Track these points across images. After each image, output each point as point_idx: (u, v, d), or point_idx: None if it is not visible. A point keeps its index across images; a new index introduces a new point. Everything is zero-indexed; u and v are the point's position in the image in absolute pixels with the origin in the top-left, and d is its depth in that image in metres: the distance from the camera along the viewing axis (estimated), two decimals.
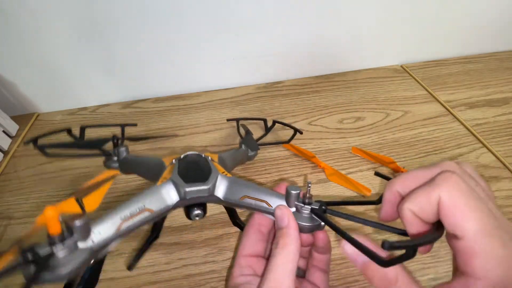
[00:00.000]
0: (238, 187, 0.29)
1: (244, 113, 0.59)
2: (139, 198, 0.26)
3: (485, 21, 0.65)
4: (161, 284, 0.37)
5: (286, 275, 0.22)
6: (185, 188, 0.27)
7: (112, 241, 0.23)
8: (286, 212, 0.25)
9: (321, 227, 0.25)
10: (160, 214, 0.27)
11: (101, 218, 0.23)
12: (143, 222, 0.25)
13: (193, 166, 0.30)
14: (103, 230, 0.23)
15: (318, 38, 0.62)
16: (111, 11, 0.52)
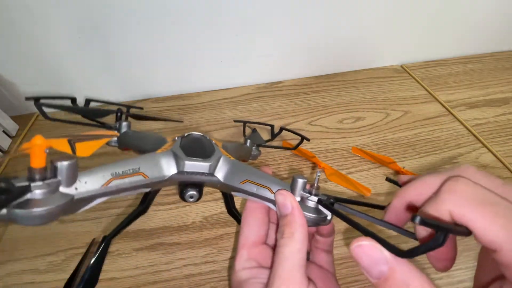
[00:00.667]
0: (240, 171, 0.27)
1: (245, 113, 0.59)
2: (135, 160, 0.24)
3: (485, 21, 0.65)
4: (161, 284, 0.37)
5: (296, 268, 0.20)
6: (185, 161, 0.25)
7: (96, 197, 0.22)
8: (288, 197, 0.23)
9: (327, 221, 0.24)
10: (154, 183, 0.25)
11: (90, 169, 0.22)
12: (134, 186, 0.23)
13: (196, 143, 0.29)
14: (90, 181, 0.21)
15: (318, 38, 0.62)
16: (111, 12, 0.52)
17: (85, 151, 0.20)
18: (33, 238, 0.42)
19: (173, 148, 0.26)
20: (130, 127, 0.40)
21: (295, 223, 0.22)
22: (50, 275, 0.38)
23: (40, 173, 0.18)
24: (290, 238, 0.21)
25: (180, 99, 0.63)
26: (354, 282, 0.36)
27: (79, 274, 0.37)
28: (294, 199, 0.23)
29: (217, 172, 0.27)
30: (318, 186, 0.24)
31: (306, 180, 0.24)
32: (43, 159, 0.18)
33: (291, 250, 0.21)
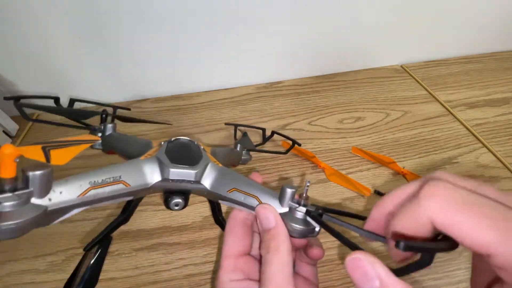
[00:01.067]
0: (228, 179, 0.26)
1: (244, 113, 0.59)
2: (116, 167, 0.23)
3: (485, 21, 0.65)
4: (161, 284, 0.37)
5: (286, 281, 0.20)
6: (170, 168, 0.24)
7: (72, 208, 0.20)
8: (271, 210, 0.23)
9: (315, 233, 0.23)
10: (136, 192, 0.24)
11: (67, 178, 0.20)
12: (114, 195, 0.22)
13: (183, 149, 0.27)
14: (66, 191, 0.20)
15: (319, 38, 0.62)
16: (111, 12, 0.52)
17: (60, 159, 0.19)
18: (33, 238, 0.42)
19: (158, 154, 0.25)
20: (115, 129, 0.38)
21: (280, 236, 0.21)
22: (50, 275, 0.38)
23: (9, 184, 0.17)
24: (277, 252, 0.21)
25: (180, 99, 0.63)
26: None
27: (79, 274, 0.37)
28: (277, 213, 0.23)
29: (204, 180, 0.26)
30: (307, 196, 0.23)
31: (295, 190, 0.23)
32: (13, 169, 0.17)
33: (279, 264, 0.20)
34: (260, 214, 0.23)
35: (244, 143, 0.46)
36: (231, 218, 0.25)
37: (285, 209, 0.23)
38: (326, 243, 0.39)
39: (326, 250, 0.38)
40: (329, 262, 0.37)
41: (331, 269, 0.37)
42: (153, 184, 0.24)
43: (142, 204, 0.44)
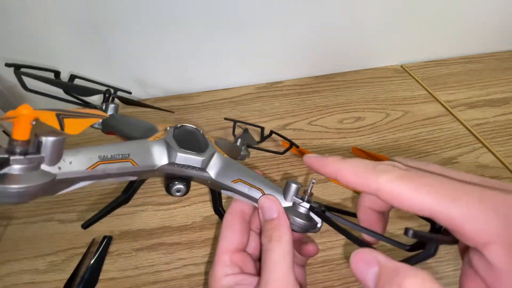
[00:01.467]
0: (233, 169, 0.26)
1: (244, 113, 0.59)
2: (126, 145, 0.23)
3: (485, 21, 0.65)
4: (161, 284, 0.37)
5: (288, 271, 0.20)
6: (178, 152, 0.24)
7: (80, 179, 0.20)
8: (275, 201, 0.23)
9: (316, 229, 0.23)
10: (142, 172, 0.24)
11: (77, 149, 0.20)
12: (121, 172, 0.22)
13: (190, 136, 0.27)
14: (76, 162, 0.19)
15: (318, 38, 0.62)
16: (111, 11, 0.52)
17: (74, 129, 0.18)
18: (33, 238, 0.42)
19: (166, 137, 0.25)
20: (117, 110, 0.37)
21: (283, 227, 0.22)
22: (50, 275, 0.38)
23: (22, 146, 0.16)
24: (279, 241, 0.21)
25: (180, 99, 0.63)
26: (355, 282, 0.36)
27: (79, 274, 0.37)
28: (280, 204, 0.23)
29: (210, 168, 0.26)
30: (312, 193, 0.24)
31: (300, 185, 0.24)
32: (27, 131, 0.16)
33: (281, 254, 0.21)
34: (264, 204, 0.23)
35: (245, 138, 0.46)
36: (229, 213, 0.25)
37: (288, 204, 0.24)
38: (326, 243, 0.39)
39: (327, 250, 0.38)
40: (329, 262, 0.37)
41: (331, 269, 0.37)
42: (160, 166, 0.24)
43: (142, 204, 0.44)
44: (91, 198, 0.46)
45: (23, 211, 0.45)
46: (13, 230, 0.43)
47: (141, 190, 0.46)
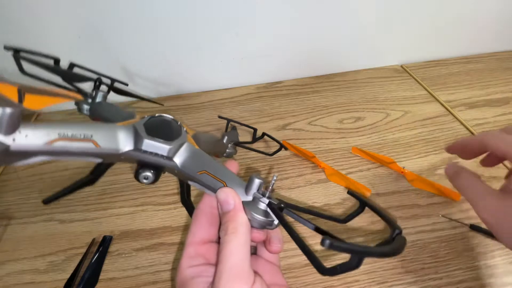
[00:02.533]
0: (200, 161, 0.26)
1: (244, 113, 0.59)
2: (89, 125, 0.23)
3: (485, 21, 0.65)
4: (161, 284, 0.37)
5: (243, 261, 0.21)
6: (144, 139, 0.24)
7: (35, 154, 0.20)
8: (230, 193, 0.23)
9: (273, 226, 0.24)
10: (106, 155, 0.24)
11: (36, 123, 0.20)
12: (82, 152, 0.22)
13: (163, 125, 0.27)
14: (32, 135, 0.19)
15: (318, 38, 0.62)
16: (111, 12, 0.52)
17: (34, 104, 0.18)
18: (33, 238, 0.42)
19: (136, 124, 0.25)
20: (106, 98, 0.38)
21: (238, 218, 0.22)
22: (50, 275, 0.38)
23: None
24: (235, 233, 0.21)
25: (180, 99, 0.63)
26: (354, 282, 0.36)
27: (79, 274, 0.37)
28: (236, 195, 0.23)
29: (176, 158, 0.25)
30: (273, 189, 0.24)
31: (262, 181, 0.24)
32: None
33: (236, 245, 0.21)
34: (220, 196, 0.23)
35: (231, 136, 0.46)
36: (197, 208, 0.26)
37: (249, 198, 0.24)
38: None
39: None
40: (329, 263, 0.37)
41: None
42: (124, 151, 0.24)
43: (142, 204, 0.44)
44: (91, 198, 0.46)
45: (23, 211, 0.45)
46: (13, 230, 0.43)
47: (141, 190, 0.46)
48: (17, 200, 0.46)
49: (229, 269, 0.20)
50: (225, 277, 0.20)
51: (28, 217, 0.44)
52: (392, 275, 0.36)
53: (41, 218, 0.44)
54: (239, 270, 0.20)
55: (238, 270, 0.20)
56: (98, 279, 0.37)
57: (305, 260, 0.38)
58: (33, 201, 0.46)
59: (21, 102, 0.18)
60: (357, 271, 0.36)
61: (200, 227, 0.25)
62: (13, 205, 0.46)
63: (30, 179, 0.49)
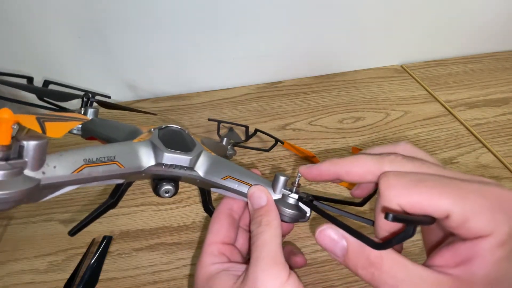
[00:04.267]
0: (222, 166, 0.26)
1: (244, 113, 0.59)
2: (111, 147, 0.22)
3: (485, 21, 0.65)
4: (161, 284, 0.37)
5: (277, 251, 0.21)
6: (164, 152, 0.24)
7: (65, 184, 0.20)
8: (263, 190, 0.24)
9: (305, 218, 0.24)
10: (129, 175, 0.23)
11: (60, 152, 0.19)
12: (108, 175, 0.21)
13: (176, 136, 0.27)
14: (60, 166, 0.19)
15: (318, 38, 0.62)
16: (111, 11, 0.52)
17: (56, 132, 0.18)
18: (33, 238, 0.42)
19: (152, 138, 0.25)
20: (97, 114, 0.36)
21: (272, 212, 0.23)
22: (50, 275, 0.38)
23: (3, 152, 0.16)
24: (268, 225, 0.22)
25: (180, 99, 0.63)
26: (354, 282, 0.36)
27: (79, 274, 0.37)
28: (269, 193, 0.24)
29: (198, 167, 0.25)
30: (299, 184, 0.25)
31: (287, 178, 0.25)
32: (8, 136, 0.16)
33: (271, 235, 0.21)
34: (253, 193, 0.24)
35: (231, 137, 0.46)
36: (218, 210, 0.26)
37: (278, 196, 0.25)
38: None
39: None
40: (329, 262, 0.37)
41: (331, 269, 0.37)
42: (147, 168, 0.23)
43: (142, 204, 0.44)
44: (91, 197, 0.46)
45: (23, 211, 0.45)
46: (13, 230, 0.43)
47: (141, 190, 0.46)
48: None
49: (265, 256, 0.20)
50: (261, 264, 0.20)
51: (28, 217, 0.44)
52: None
53: (41, 218, 0.44)
54: (275, 258, 0.20)
55: (274, 257, 0.20)
56: (98, 279, 0.37)
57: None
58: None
59: (44, 132, 0.17)
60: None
61: (222, 227, 0.25)
62: None
63: None
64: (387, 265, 0.17)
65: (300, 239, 0.40)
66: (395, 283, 0.16)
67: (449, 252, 0.17)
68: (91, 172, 0.20)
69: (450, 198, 0.16)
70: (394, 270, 0.17)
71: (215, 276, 0.22)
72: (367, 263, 0.17)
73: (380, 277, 0.17)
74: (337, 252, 0.19)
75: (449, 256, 0.17)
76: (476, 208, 0.16)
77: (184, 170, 0.25)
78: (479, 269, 0.16)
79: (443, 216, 0.17)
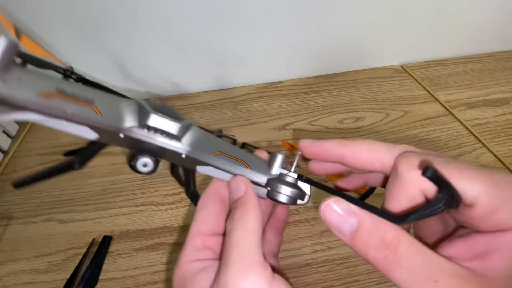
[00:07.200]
0: (212, 142, 0.23)
1: (244, 113, 0.59)
2: (91, 90, 0.20)
3: (485, 21, 0.65)
4: (161, 284, 0.37)
5: (252, 250, 0.17)
6: (151, 113, 0.20)
7: (27, 107, 0.16)
8: (242, 179, 0.21)
9: (304, 199, 0.22)
10: (105, 130, 0.20)
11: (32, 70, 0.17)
12: (80, 118, 0.18)
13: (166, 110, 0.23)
14: (27, 82, 0.16)
15: (318, 38, 0.62)
16: (110, 11, 0.52)
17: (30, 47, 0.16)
18: (33, 238, 0.42)
19: (140, 100, 0.21)
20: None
21: (248, 204, 0.19)
22: (50, 275, 0.38)
23: None
24: (242, 219, 0.19)
25: (180, 99, 0.63)
26: (354, 282, 0.36)
27: (79, 274, 0.37)
28: (249, 183, 0.21)
29: (185, 139, 0.22)
30: (298, 164, 0.23)
31: (285, 157, 0.23)
32: None
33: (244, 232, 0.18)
34: (231, 185, 0.21)
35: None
36: (205, 194, 0.22)
37: (274, 175, 0.22)
38: (326, 243, 0.39)
39: (327, 250, 0.38)
40: (329, 262, 0.37)
41: (331, 269, 0.37)
42: (128, 127, 0.20)
43: (142, 204, 0.44)
44: (91, 198, 0.46)
45: (23, 211, 0.45)
46: (13, 230, 0.43)
47: (141, 190, 0.46)
48: (17, 200, 0.46)
49: (237, 259, 0.17)
50: (232, 270, 0.17)
51: (28, 217, 0.44)
52: None
53: (41, 218, 0.44)
54: (249, 260, 0.17)
55: (248, 260, 0.17)
56: (98, 279, 0.37)
57: (305, 260, 0.38)
58: (33, 201, 0.46)
59: (18, 38, 0.16)
60: (356, 271, 0.36)
61: (209, 215, 0.21)
62: (13, 205, 0.46)
63: None
64: (404, 247, 0.15)
65: (300, 239, 0.40)
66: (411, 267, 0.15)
67: (464, 244, 0.16)
68: (62, 105, 0.17)
69: (481, 184, 0.15)
70: (411, 254, 0.15)
71: (190, 279, 0.19)
72: (381, 244, 0.15)
73: (394, 261, 0.15)
74: (344, 230, 0.16)
75: (464, 248, 0.16)
76: (504, 198, 0.15)
77: (169, 140, 0.21)
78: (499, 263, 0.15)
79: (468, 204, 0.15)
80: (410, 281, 0.14)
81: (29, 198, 0.46)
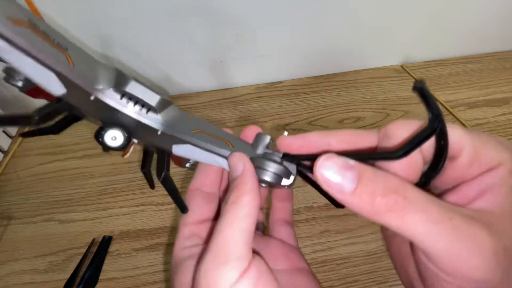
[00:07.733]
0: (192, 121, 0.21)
1: (244, 113, 0.59)
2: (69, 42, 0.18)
3: (485, 21, 0.65)
4: (161, 284, 0.37)
5: (236, 239, 0.16)
6: (130, 79, 0.18)
7: None
8: (242, 157, 0.20)
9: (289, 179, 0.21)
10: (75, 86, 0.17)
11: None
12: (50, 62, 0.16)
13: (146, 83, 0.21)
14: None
15: (318, 38, 0.62)
16: (110, 11, 0.52)
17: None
18: (33, 238, 0.42)
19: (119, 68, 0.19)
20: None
21: (245, 185, 0.18)
22: (50, 275, 0.38)
23: None
24: (235, 203, 0.17)
25: (180, 99, 0.63)
26: (354, 282, 0.36)
27: (79, 274, 0.37)
28: (248, 161, 0.20)
29: (164, 114, 0.20)
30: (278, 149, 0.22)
31: (271, 138, 0.22)
32: None
33: (233, 218, 0.17)
34: (230, 162, 0.20)
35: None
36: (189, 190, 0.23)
37: (259, 154, 0.21)
38: (326, 243, 0.39)
39: (327, 250, 0.38)
40: (329, 262, 0.37)
41: (331, 269, 0.37)
42: (101, 89, 0.18)
43: (142, 204, 0.44)
44: (91, 198, 0.46)
45: (23, 211, 0.45)
46: (13, 230, 0.43)
47: (141, 190, 0.46)
48: (17, 200, 0.46)
49: (215, 249, 0.16)
50: (207, 261, 0.16)
51: (28, 217, 0.44)
52: (392, 274, 0.36)
53: (41, 218, 0.44)
54: (228, 251, 0.16)
55: (227, 251, 0.16)
56: (98, 279, 0.37)
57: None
58: (33, 201, 0.46)
59: None
60: (356, 271, 0.36)
61: (195, 207, 0.22)
62: (13, 205, 0.46)
63: (30, 179, 0.49)
64: (411, 190, 0.14)
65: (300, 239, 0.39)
66: (424, 208, 0.14)
67: (458, 195, 0.16)
68: (31, 40, 0.15)
69: (460, 130, 0.16)
70: (420, 196, 0.14)
71: (180, 265, 0.19)
72: (387, 190, 0.14)
73: (405, 203, 0.14)
74: (345, 186, 0.14)
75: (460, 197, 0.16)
76: (482, 140, 0.16)
77: (146, 112, 0.19)
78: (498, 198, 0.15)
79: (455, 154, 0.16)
80: (426, 222, 0.14)
81: (29, 198, 0.46)
